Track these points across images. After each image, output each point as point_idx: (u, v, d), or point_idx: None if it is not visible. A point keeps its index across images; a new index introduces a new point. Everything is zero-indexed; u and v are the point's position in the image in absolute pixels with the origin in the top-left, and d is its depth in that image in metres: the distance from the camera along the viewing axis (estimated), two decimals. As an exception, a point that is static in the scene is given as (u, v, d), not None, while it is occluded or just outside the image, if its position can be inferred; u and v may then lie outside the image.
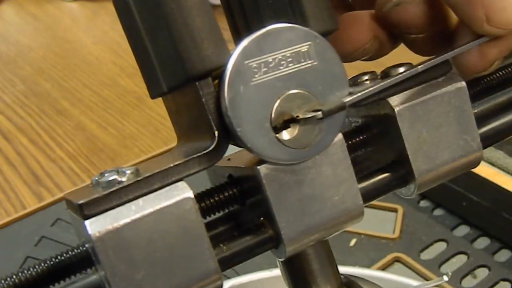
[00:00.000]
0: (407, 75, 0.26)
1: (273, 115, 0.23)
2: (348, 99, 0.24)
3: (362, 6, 0.31)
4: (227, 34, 0.25)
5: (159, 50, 0.23)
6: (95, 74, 1.05)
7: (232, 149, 0.26)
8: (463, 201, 0.63)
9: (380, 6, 0.29)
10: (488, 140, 0.30)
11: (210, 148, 0.23)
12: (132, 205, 0.22)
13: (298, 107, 0.24)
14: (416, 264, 0.59)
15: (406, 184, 0.28)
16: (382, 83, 0.26)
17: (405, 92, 0.27)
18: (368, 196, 0.27)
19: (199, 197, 0.25)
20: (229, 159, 0.27)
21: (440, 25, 0.29)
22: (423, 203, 0.67)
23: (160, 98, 0.26)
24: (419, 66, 0.26)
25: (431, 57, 0.27)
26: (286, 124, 0.24)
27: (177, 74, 0.23)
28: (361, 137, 0.28)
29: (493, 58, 0.28)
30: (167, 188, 0.23)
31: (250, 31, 0.23)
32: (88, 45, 1.18)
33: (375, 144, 0.29)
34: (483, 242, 0.62)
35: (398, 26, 0.29)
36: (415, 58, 0.28)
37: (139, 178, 0.23)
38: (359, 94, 0.25)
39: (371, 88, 0.25)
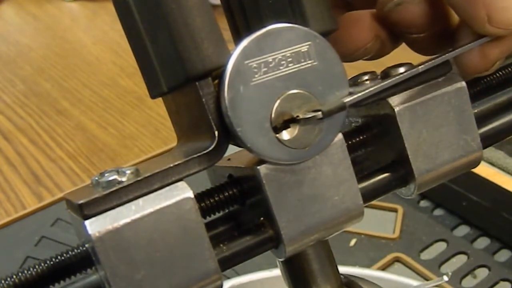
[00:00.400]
0: (408, 76, 0.26)
1: (273, 115, 0.23)
2: (348, 99, 0.24)
3: (363, 6, 0.31)
4: (227, 34, 0.25)
5: (159, 50, 0.23)
6: (95, 74, 1.05)
7: (232, 149, 0.26)
8: (463, 201, 0.63)
9: (381, 6, 0.29)
10: (488, 140, 0.30)
11: (210, 148, 0.23)
12: (132, 205, 0.22)
13: (298, 107, 0.24)
14: (416, 264, 0.59)
15: (406, 184, 0.28)
16: (382, 83, 0.26)
17: (405, 92, 0.27)
18: (368, 196, 0.27)
19: (199, 197, 0.25)
20: (229, 159, 0.27)
21: (442, 25, 0.29)
22: (423, 203, 0.67)
23: (160, 98, 0.26)
24: (419, 67, 0.26)
25: (432, 57, 0.27)
26: (286, 124, 0.24)
27: (177, 74, 0.23)
28: (361, 137, 0.28)
29: (494, 58, 0.28)
30: (167, 188, 0.23)
31: (250, 31, 0.23)
32: (88, 45, 1.18)
33: (375, 144, 0.29)
34: (483, 242, 0.62)
35: (399, 25, 0.28)
36: (415, 58, 0.28)
37: (139, 178, 0.23)
38: (359, 94, 0.25)
39: (371, 88, 0.25)
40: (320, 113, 0.24)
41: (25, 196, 0.77)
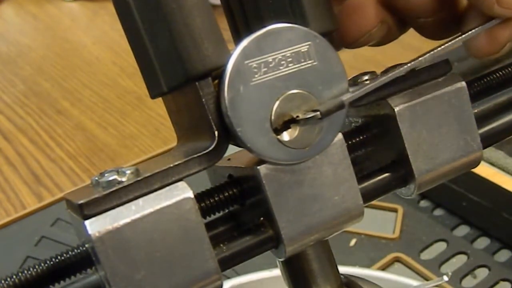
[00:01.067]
0: (407, 69, 0.26)
1: (273, 116, 0.23)
2: (346, 97, 0.24)
3: None
4: (227, 34, 0.25)
5: (159, 50, 0.23)
6: (95, 74, 1.05)
7: (232, 149, 0.26)
8: (463, 201, 0.63)
9: None
10: (488, 140, 0.30)
11: (210, 148, 0.23)
12: (132, 205, 0.22)
13: (298, 107, 0.24)
14: (416, 264, 0.59)
15: (406, 184, 0.28)
16: (380, 79, 0.25)
17: (405, 92, 0.27)
18: (368, 196, 0.27)
19: (199, 197, 0.25)
20: (229, 159, 0.27)
21: (449, 9, 0.28)
22: (423, 203, 0.67)
23: (160, 98, 0.26)
24: (422, 58, 0.26)
25: (435, 47, 0.26)
26: (286, 125, 0.24)
27: (177, 74, 0.23)
28: (361, 137, 0.28)
29: (504, 41, 0.27)
30: (167, 188, 0.23)
31: (250, 31, 0.23)
32: (88, 45, 1.18)
33: (375, 144, 0.29)
34: (483, 242, 0.62)
35: (406, 10, 0.28)
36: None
37: (139, 178, 0.23)
38: (357, 92, 0.24)
39: (370, 85, 0.25)
40: (319, 113, 0.24)
41: (25, 196, 0.77)
